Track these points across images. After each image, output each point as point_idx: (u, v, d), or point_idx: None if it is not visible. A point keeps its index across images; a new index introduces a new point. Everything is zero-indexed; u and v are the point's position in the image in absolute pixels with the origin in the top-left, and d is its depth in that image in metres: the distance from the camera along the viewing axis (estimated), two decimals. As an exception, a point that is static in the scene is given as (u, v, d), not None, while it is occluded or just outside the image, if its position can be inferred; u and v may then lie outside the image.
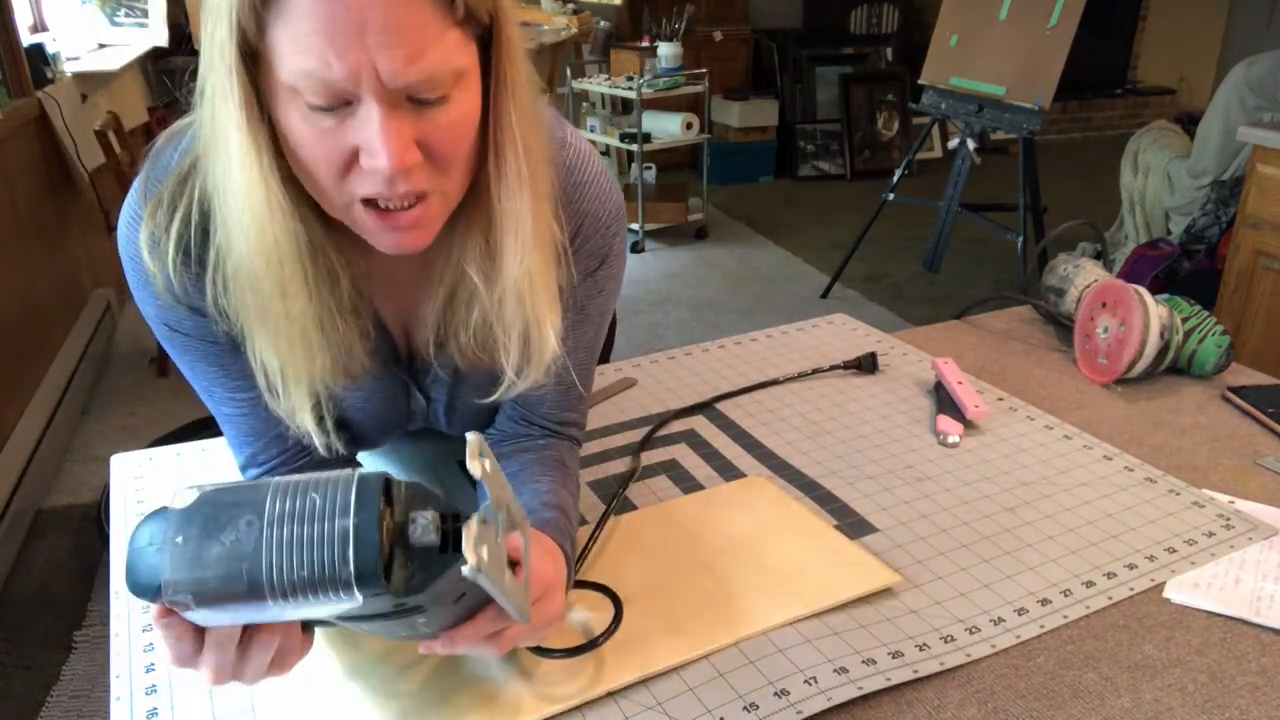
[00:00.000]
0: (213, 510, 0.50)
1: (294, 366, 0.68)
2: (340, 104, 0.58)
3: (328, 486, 0.51)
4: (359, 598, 0.50)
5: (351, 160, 0.60)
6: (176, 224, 0.67)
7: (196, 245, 0.67)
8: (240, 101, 0.58)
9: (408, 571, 0.52)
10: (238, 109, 0.59)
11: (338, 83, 0.56)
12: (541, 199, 0.68)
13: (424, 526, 0.52)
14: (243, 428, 0.78)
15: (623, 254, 0.83)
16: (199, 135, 0.64)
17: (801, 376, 1.19)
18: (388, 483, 0.53)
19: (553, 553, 0.69)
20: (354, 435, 0.83)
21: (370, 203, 0.62)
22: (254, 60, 0.58)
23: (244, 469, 0.80)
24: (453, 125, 0.61)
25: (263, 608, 0.50)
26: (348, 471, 0.52)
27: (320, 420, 0.73)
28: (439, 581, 0.52)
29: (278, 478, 0.52)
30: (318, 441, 0.74)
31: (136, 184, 0.69)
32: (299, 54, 0.56)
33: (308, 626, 0.60)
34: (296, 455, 0.80)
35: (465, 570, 0.49)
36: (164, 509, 0.52)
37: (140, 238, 0.68)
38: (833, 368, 1.20)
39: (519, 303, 0.69)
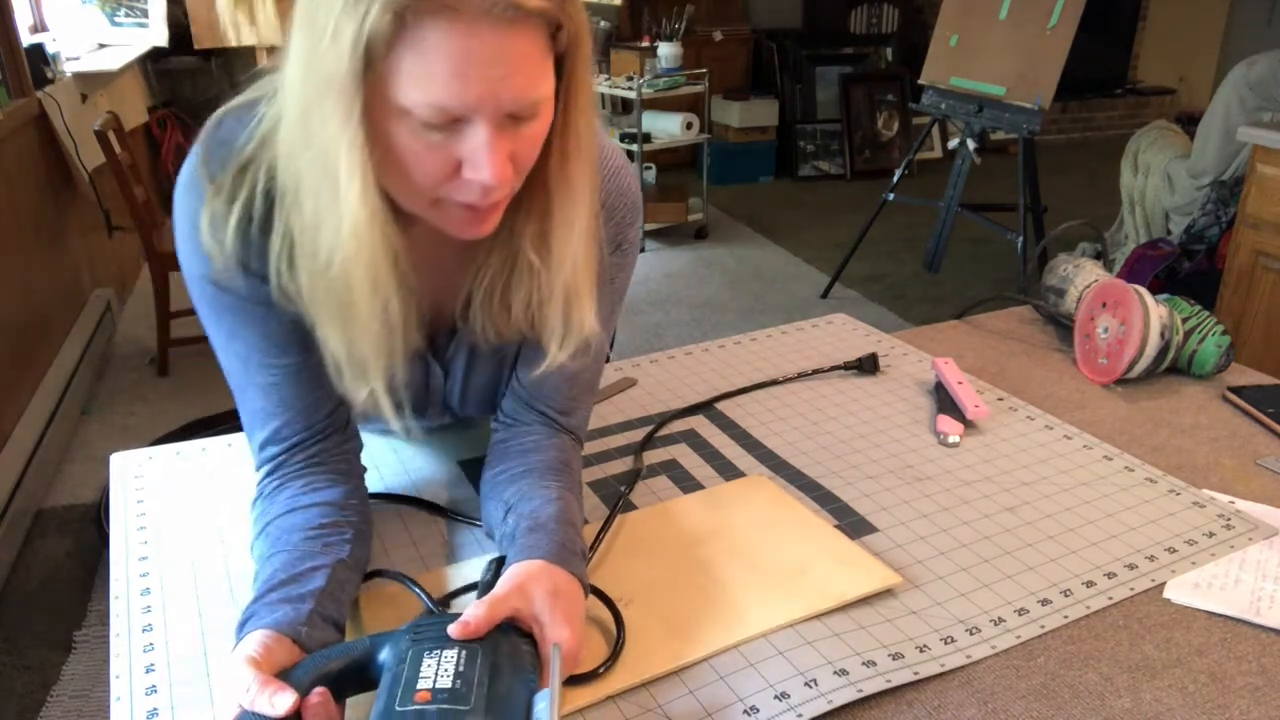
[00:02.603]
0: None
1: (367, 354, 0.72)
2: (451, 122, 0.62)
3: None
4: None
5: (455, 169, 0.65)
6: (238, 207, 0.70)
7: (259, 223, 0.71)
8: (357, 119, 0.61)
9: None
10: (354, 125, 0.61)
11: (458, 110, 0.61)
12: (592, 195, 0.74)
13: None
14: (274, 398, 0.78)
15: (635, 248, 0.87)
16: (275, 125, 0.67)
17: (802, 377, 1.19)
18: None
19: (569, 604, 0.68)
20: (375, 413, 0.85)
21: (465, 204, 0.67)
22: (370, 79, 0.61)
23: (263, 447, 0.80)
24: (535, 138, 0.67)
25: None
26: None
27: (397, 405, 0.75)
28: None
29: None
30: (395, 425, 0.77)
31: (196, 152, 0.72)
32: (426, 84, 0.60)
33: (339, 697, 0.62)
34: (325, 432, 0.81)
35: None
36: None
37: (199, 209, 0.71)
38: (833, 368, 1.20)
39: (565, 285, 0.75)
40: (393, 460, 0.99)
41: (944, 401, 1.09)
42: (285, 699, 0.57)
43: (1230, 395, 1.12)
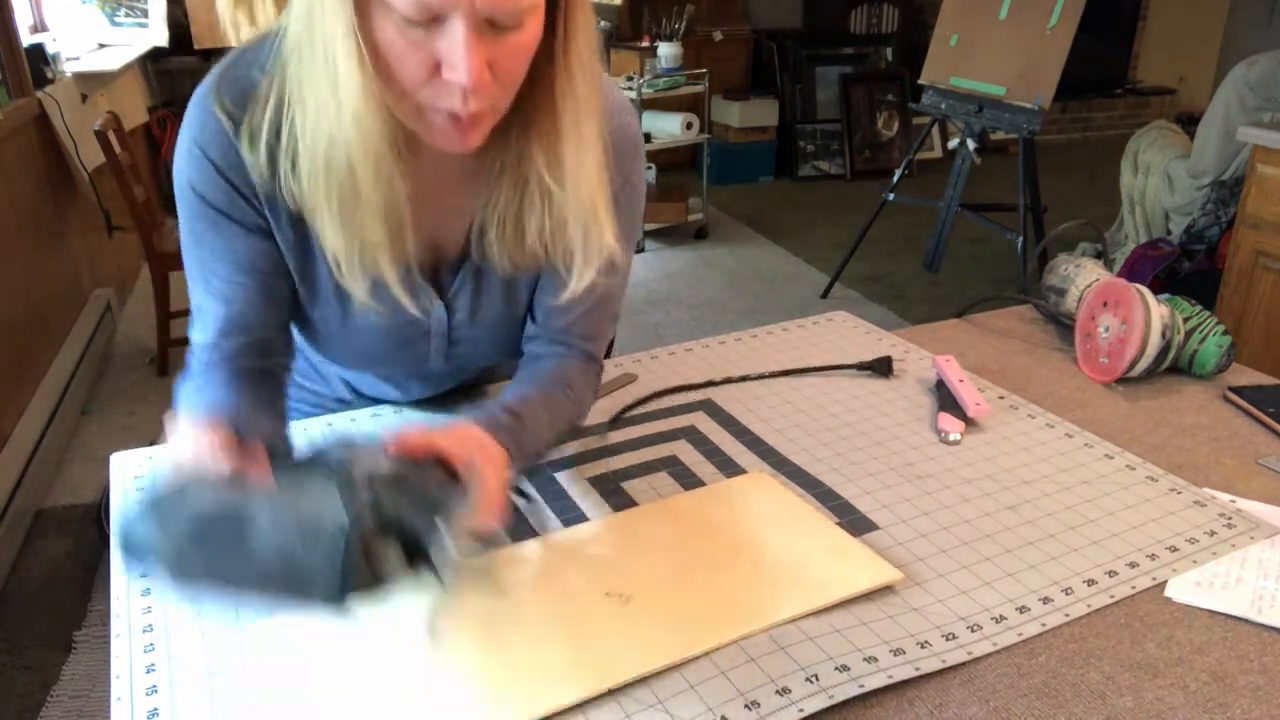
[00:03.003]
0: (203, 525, 0.56)
1: (359, 250, 0.76)
2: (430, 19, 0.64)
3: (309, 510, 0.57)
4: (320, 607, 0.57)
5: (433, 71, 0.67)
6: (267, 119, 0.75)
7: (270, 131, 0.75)
8: (351, 8, 0.65)
9: (369, 583, 0.58)
10: (345, 15, 0.65)
11: (435, 6, 0.63)
12: (597, 113, 0.76)
13: (391, 562, 0.58)
14: (221, 307, 0.83)
15: (643, 184, 0.90)
16: (282, 46, 0.71)
17: (811, 371, 1.19)
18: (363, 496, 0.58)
19: (494, 462, 0.71)
20: (375, 351, 0.91)
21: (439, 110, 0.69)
22: None
23: (200, 347, 0.83)
24: (519, 50, 0.69)
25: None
26: (330, 500, 0.57)
27: (380, 297, 0.80)
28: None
29: (261, 493, 0.58)
30: (407, 303, 0.81)
31: (214, 74, 0.78)
32: None
33: None
34: (263, 349, 0.85)
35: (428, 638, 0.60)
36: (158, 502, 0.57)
37: (205, 122, 0.76)
38: (845, 367, 1.20)
39: (582, 205, 0.77)
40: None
41: (945, 399, 1.09)
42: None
43: (1231, 395, 1.12)
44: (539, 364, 0.93)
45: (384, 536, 0.58)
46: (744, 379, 1.18)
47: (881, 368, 1.18)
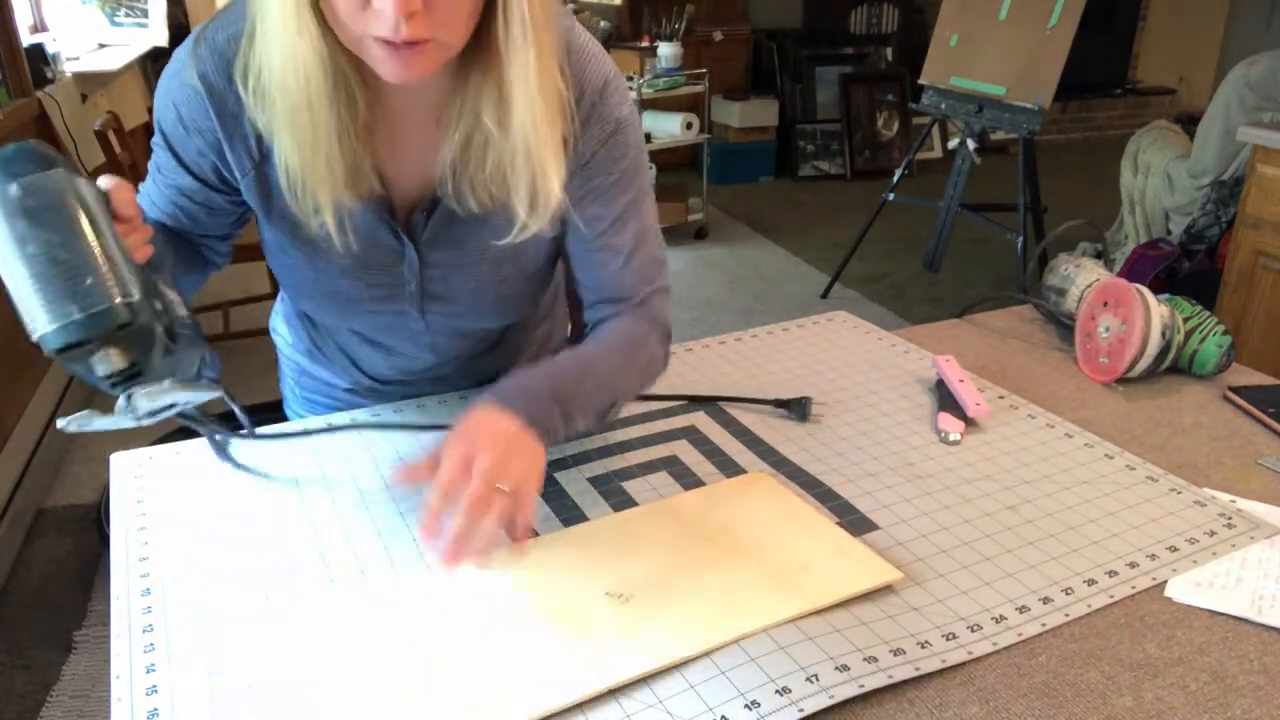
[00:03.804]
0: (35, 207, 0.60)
1: (314, 173, 0.80)
2: None
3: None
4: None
5: (366, 1, 0.70)
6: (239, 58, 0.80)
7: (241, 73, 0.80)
8: None
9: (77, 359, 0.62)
10: None
11: None
12: (546, 54, 0.77)
13: (105, 363, 0.61)
14: (161, 206, 0.91)
15: (633, 121, 0.91)
16: None
17: (727, 400, 1.18)
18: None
19: (483, 431, 0.78)
20: (350, 298, 0.94)
21: (379, 39, 0.71)
22: None
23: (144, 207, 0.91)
24: None
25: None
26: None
27: (340, 223, 0.84)
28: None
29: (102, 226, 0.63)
30: (336, 240, 0.85)
31: (203, 27, 0.83)
32: None
33: None
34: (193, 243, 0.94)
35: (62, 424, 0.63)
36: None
37: (183, 82, 0.83)
38: (763, 402, 1.12)
39: (526, 148, 0.79)
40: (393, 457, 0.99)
41: (945, 399, 1.09)
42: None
43: (1231, 395, 1.12)
44: (593, 330, 0.97)
45: (125, 349, 0.61)
46: (731, 399, 1.17)
47: (799, 409, 1.08)
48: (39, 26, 3.76)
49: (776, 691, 0.67)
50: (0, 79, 2.83)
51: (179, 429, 0.71)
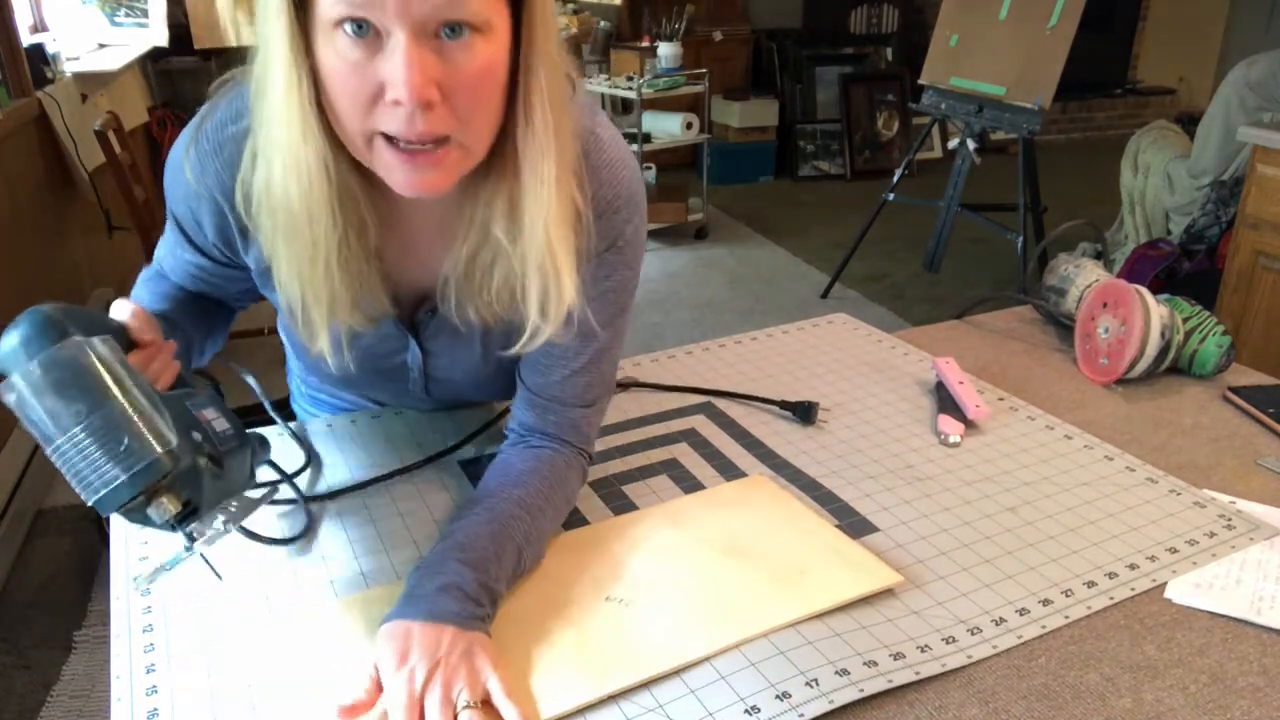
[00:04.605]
0: (62, 377, 0.61)
1: (314, 294, 0.74)
2: (372, 34, 0.63)
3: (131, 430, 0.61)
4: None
5: (377, 95, 0.64)
6: (239, 159, 0.75)
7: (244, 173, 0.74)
8: (286, 35, 0.64)
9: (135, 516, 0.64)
10: (284, 42, 0.64)
11: (367, 13, 0.61)
12: (564, 164, 0.72)
13: (163, 513, 0.63)
14: (180, 277, 0.89)
15: (635, 243, 0.85)
16: (251, 81, 0.70)
17: (735, 397, 1.18)
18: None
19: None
20: (353, 380, 0.91)
21: (391, 141, 0.66)
22: (302, 7, 0.64)
23: (155, 270, 0.90)
24: (475, 72, 0.65)
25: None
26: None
27: (337, 348, 0.80)
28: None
29: (120, 396, 0.61)
30: (332, 363, 0.80)
31: (196, 119, 0.78)
32: None
33: None
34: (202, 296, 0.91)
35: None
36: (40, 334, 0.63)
37: (191, 156, 0.78)
38: (770, 402, 1.12)
39: (539, 258, 0.73)
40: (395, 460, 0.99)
41: (945, 401, 1.09)
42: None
43: (1231, 395, 1.12)
44: (520, 462, 0.86)
45: (177, 493, 0.62)
46: (735, 395, 1.17)
47: (805, 413, 1.08)
48: (39, 26, 3.76)
49: (776, 697, 0.67)
50: (0, 79, 2.83)
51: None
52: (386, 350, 0.89)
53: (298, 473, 0.95)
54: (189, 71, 4.60)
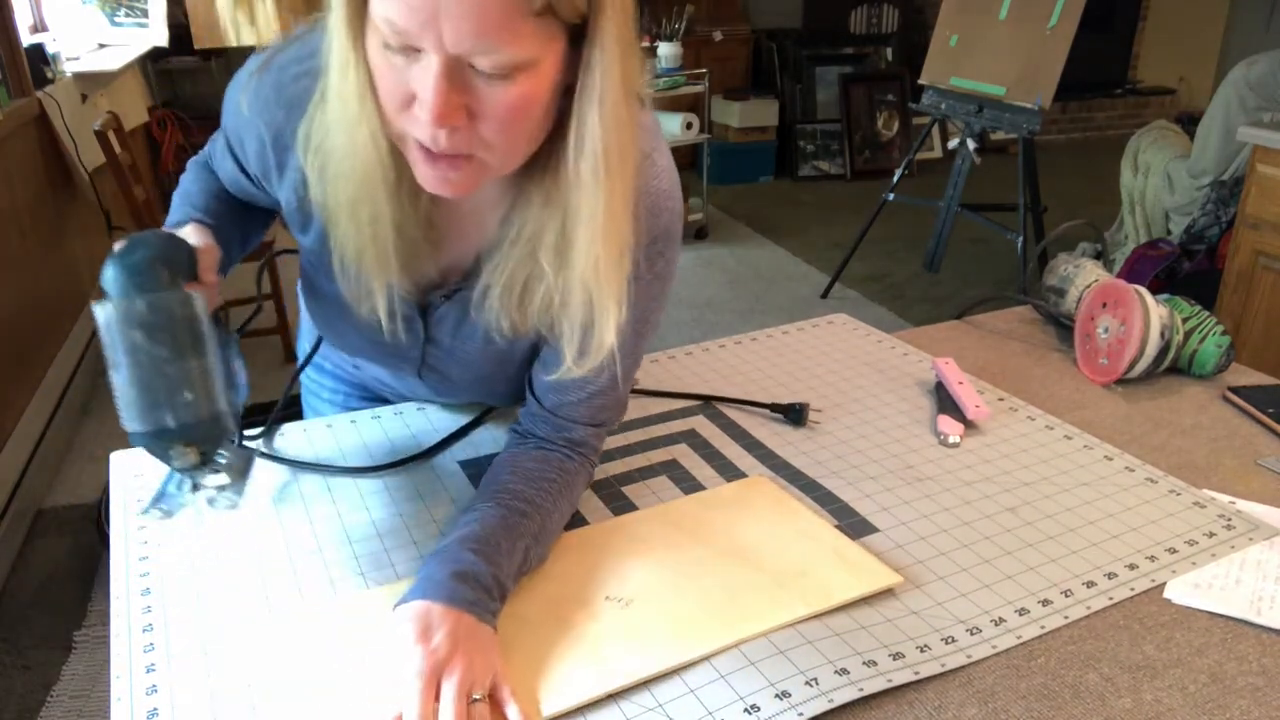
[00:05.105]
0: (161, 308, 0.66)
1: (372, 261, 0.75)
2: (409, 49, 0.62)
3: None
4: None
5: (410, 100, 0.65)
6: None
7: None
8: (345, 18, 0.65)
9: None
10: (342, 27, 0.65)
11: (407, 32, 0.61)
12: (618, 199, 0.70)
13: (184, 461, 0.68)
14: (224, 179, 0.89)
15: (665, 276, 0.83)
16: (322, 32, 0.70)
17: (723, 400, 1.19)
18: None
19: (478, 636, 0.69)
20: (353, 343, 0.91)
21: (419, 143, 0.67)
22: None
23: (204, 161, 0.92)
24: (508, 105, 0.64)
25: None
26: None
27: (390, 313, 0.80)
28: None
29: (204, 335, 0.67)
30: (385, 326, 0.80)
31: (267, 52, 0.78)
32: None
33: None
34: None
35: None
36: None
37: (251, 87, 0.78)
38: (760, 405, 1.14)
39: (585, 294, 0.73)
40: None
41: (944, 402, 1.09)
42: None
43: (1230, 395, 1.12)
44: (527, 461, 0.86)
45: (199, 445, 0.68)
46: (735, 401, 1.18)
47: (796, 415, 1.07)
48: (39, 26, 3.76)
49: (776, 696, 0.67)
50: (0, 79, 2.83)
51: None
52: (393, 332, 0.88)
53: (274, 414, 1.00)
54: (189, 71, 4.60)
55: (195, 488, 0.72)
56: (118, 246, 0.69)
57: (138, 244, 0.69)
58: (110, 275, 0.67)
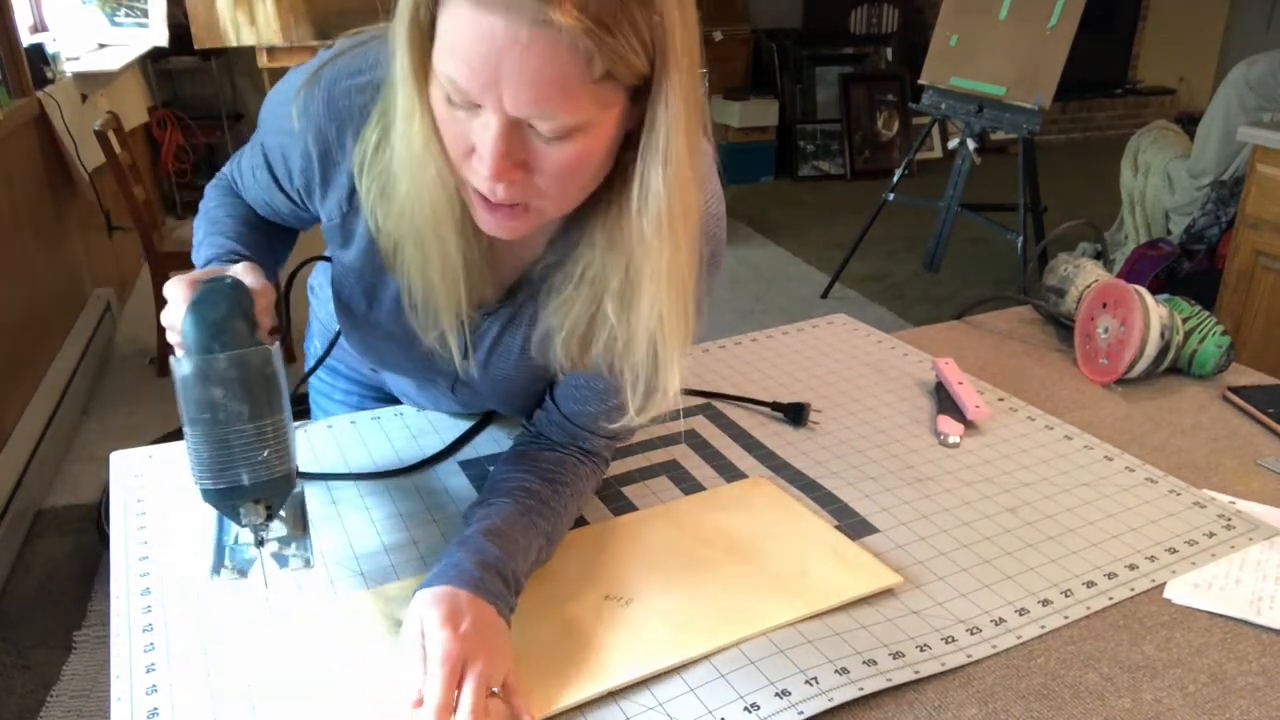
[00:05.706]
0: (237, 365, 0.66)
1: (440, 297, 0.76)
2: (471, 104, 0.63)
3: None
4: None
5: (470, 151, 0.65)
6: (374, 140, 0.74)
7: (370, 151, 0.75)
8: (410, 69, 0.65)
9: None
10: (408, 76, 0.65)
11: (468, 92, 0.61)
12: (684, 254, 0.70)
13: (253, 517, 0.68)
14: (255, 202, 0.88)
15: (709, 289, 0.84)
16: (382, 50, 0.71)
17: (724, 398, 1.19)
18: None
19: (490, 626, 0.69)
20: (387, 359, 0.90)
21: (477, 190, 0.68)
22: (427, 33, 0.64)
23: (227, 184, 0.91)
24: (565, 162, 0.64)
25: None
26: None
27: (461, 345, 0.80)
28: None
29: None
30: (457, 360, 0.81)
31: (316, 62, 0.77)
32: (447, 54, 0.61)
33: None
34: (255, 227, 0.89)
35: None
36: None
37: (301, 98, 0.76)
38: (760, 403, 1.14)
39: (649, 345, 0.73)
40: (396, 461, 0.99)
41: (944, 402, 1.09)
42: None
43: (1230, 395, 1.12)
44: (541, 460, 0.87)
45: (268, 501, 0.68)
46: (734, 398, 1.18)
47: (796, 415, 1.08)
48: (39, 26, 3.76)
49: (776, 694, 0.67)
50: (0, 79, 2.83)
51: (178, 429, 0.71)
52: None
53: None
54: (189, 71, 4.60)
55: (260, 542, 0.71)
56: (192, 294, 0.68)
57: (216, 296, 0.67)
58: (189, 330, 0.65)
